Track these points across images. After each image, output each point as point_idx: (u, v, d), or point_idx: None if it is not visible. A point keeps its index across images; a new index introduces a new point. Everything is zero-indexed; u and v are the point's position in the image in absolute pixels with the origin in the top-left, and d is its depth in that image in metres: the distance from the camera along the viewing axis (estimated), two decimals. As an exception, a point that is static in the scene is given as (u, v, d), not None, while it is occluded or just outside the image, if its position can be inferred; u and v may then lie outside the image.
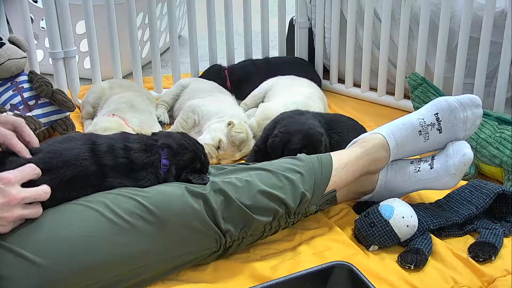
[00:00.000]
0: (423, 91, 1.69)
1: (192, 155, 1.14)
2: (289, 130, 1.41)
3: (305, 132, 1.40)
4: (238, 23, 2.12)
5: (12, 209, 0.91)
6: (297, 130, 1.40)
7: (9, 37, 1.79)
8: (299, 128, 1.41)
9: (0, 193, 0.90)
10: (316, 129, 1.41)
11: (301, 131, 1.40)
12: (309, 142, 1.37)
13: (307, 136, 1.39)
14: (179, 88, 1.93)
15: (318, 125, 1.44)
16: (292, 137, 1.39)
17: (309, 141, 1.38)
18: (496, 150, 1.46)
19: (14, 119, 1.04)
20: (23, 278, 0.91)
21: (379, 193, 1.32)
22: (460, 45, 1.76)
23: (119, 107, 1.68)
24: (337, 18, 2.06)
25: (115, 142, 1.09)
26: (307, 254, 1.15)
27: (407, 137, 1.30)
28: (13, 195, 0.90)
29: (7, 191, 0.90)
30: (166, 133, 1.19)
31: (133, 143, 1.10)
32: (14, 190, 0.91)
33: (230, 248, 1.11)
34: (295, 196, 1.15)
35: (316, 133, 1.40)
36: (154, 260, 1.02)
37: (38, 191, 0.95)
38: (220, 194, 1.08)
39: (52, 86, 1.74)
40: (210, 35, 2.06)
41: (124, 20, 1.96)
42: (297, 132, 1.40)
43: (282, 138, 1.40)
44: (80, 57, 2.21)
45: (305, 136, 1.39)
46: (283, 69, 2.00)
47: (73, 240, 0.96)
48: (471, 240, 1.22)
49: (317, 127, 1.43)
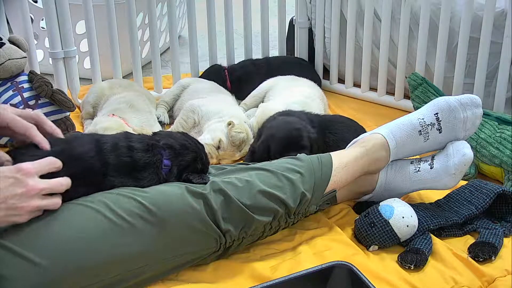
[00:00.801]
0: (423, 91, 1.69)
1: (194, 156, 1.14)
2: (268, 137, 1.43)
3: (283, 134, 1.40)
4: (238, 23, 2.12)
5: (30, 199, 0.92)
6: (273, 134, 1.42)
7: (9, 37, 1.79)
8: (275, 132, 1.42)
9: (19, 184, 0.91)
10: (294, 126, 1.41)
11: (277, 134, 1.41)
12: (288, 142, 1.37)
13: (284, 137, 1.40)
14: (179, 88, 1.93)
15: (298, 121, 1.44)
16: (271, 143, 1.41)
17: (288, 141, 1.38)
18: (496, 150, 1.46)
19: (35, 113, 1.07)
20: (23, 278, 0.91)
21: (379, 193, 1.32)
22: (460, 45, 1.76)
23: (119, 107, 1.68)
24: (337, 18, 2.06)
25: (119, 140, 1.09)
26: (307, 254, 1.15)
27: (407, 137, 1.30)
28: (31, 185, 0.92)
29: (25, 181, 0.92)
30: (167, 133, 1.19)
31: (136, 143, 1.10)
32: (32, 181, 0.93)
33: (230, 248, 1.11)
34: (295, 196, 1.15)
35: (293, 130, 1.40)
36: (154, 260, 1.02)
37: (56, 183, 0.96)
38: (220, 194, 1.08)
39: (52, 86, 1.74)
40: (210, 35, 2.06)
41: (124, 20, 1.96)
42: (274, 136, 1.41)
43: (264, 147, 1.42)
44: (80, 57, 2.21)
45: (282, 137, 1.39)
46: (283, 69, 2.00)
47: (73, 240, 0.96)
48: (471, 240, 1.22)
49: (296, 123, 1.43)
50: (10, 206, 0.91)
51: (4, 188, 0.90)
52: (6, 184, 0.90)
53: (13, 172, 0.92)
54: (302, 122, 1.45)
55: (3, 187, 0.90)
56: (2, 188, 0.90)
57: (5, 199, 0.90)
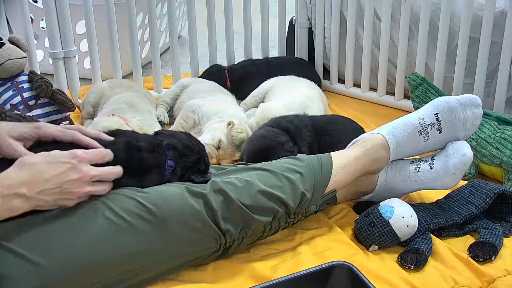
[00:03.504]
0: (423, 91, 1.69)
1: (198, 157, 1.14)
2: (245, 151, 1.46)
3: (256, 150, 1.42)
4: (238, 23, 2.12)
5: (82, 185, 0.97)
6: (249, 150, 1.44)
7: (9, 37, 1.79)
8: (251, 148, 1.44)
9: (74, 169, 0.95)
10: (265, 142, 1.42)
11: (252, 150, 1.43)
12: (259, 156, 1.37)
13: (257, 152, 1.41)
14: (179, 88, 1.93)
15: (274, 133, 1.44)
16: (245, 155, 1.44)
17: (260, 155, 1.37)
18: (496, 150, 1.46)
19: (75, 126, 1.12)
20: (23, 278, 0.91)
21: (379, 193, 1.32)
22: (460, 45, 1.76)
23: (119, 107, 1.68)
24: (337, 18, 2.06)
25: (130, 139, 1.10)
26: (307, 254, 1.15)
27: (407, 137, 1.30)
28: (84, 172, 0.96)
29: (80, 167, 0.96)
30: (170, 132, 1.18)
31: (142, 143, 1.10)
32: (86, 167, 0.97)
33: (230, 248, 1.11)
34: (295, 196, 1.15)
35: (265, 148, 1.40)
36: (154, 260, 1.02)
37: (107, 171, 1.01)
38: (220, 194, 1.08)
39: (52, 86, 1.74)
40: (210, 35, 2.06)
41: (124, 20, 1.96)
42: (250, 152, 1.43)
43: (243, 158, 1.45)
44: (80, 57, 2.21)
45: (255, 154, 1.40)
46: (283, 69, 2.00)
47: (73, 240, 0.96)
48: (471, 240, 1.22)
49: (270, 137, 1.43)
50: (64, 191, 0.94)
51: (61, 173, 0.94)
52: (63, 169, 0.94)
53: (69, 158, 0.96)
54: (279, 136, 1.44)
55: (60, 173, 0.94)
56: (59, 173, 0.94)
57: (61, 184, 0.94)
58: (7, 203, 0.89)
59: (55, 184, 0.93)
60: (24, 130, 1.04)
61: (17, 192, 0.90)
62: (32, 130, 1.04)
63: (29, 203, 0.92)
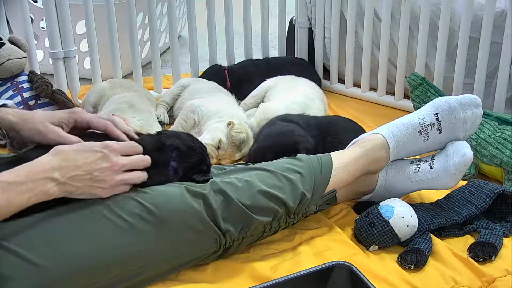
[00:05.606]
0: (423, 91, 1.69)
1: (200, 158, 1.14)
2: (265, 144, 1.42)
3: (280, 144, 1.38)
4: (238, 23, 2.12)
5: (113, 174, 1.00)
6: (268, 146, 1.40)
7: (9, 37, 1.79)
8: (270, 144, 1.40)
9: (105, 158, 0.99)
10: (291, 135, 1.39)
11: (274, 144, 1.39)
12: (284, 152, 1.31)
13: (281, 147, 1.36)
14: (179, 88, 1.93)
15: (297, 129, 1.41)
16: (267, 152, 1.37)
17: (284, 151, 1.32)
18: (496, 150, 1.46)
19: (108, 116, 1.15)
20: (23, 278, 0.91)
21: (379, 193, 1.32)
22: (460, 45, 1.76)
23: (119, 107, 1.68)
24: (337, 18, 2.06)
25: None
26: (307, 254, 1.15)
27: (407, 137, 1.30)
28: (114, 161, 1.00)
29: (110, 157, 0.99)
30: (173, 133, 1.18)
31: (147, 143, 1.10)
32: (116, 157, 1.00)
33: (230, 248, 1.11)
34: (295, 196, 1.15)
35: (291, 140, 1.38)
36: (154, 260, 1.02)
37: (137, 159, 1.04)
38: (220, 194, 1.08)
39: (52, 86, 1.75)
40: (210, 35, 2.06)
41: (124, 20, 1.96)
42: (271, 146, 1.39)
43: (259, 154, 1.40)
44: (80, 57, 2.21)
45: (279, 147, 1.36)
46: (283, 69, 2.00)
47: (73, 240, 0.96)
48: (471, 240, 1.22)
49: (295, 132, 1.40)
50: (94, 178, 0.97)
51: (92, 161, 0.97)
52: (94, 157, 0.98)
53: (101, 148, 0.99)
54: (300, 130, 1.42)
55: (91, 161, 0.97)
56: (90, 161, 0.97)
57: (92, 171, 0.97)
58: (41, 186, 0.92)
59: (85, 171, 0.96)
60: (62, 115, 1.10)
61: (50, 176, 0.93)
62: (69, 115, 1.10)
63: (61, 188, 0.94)
